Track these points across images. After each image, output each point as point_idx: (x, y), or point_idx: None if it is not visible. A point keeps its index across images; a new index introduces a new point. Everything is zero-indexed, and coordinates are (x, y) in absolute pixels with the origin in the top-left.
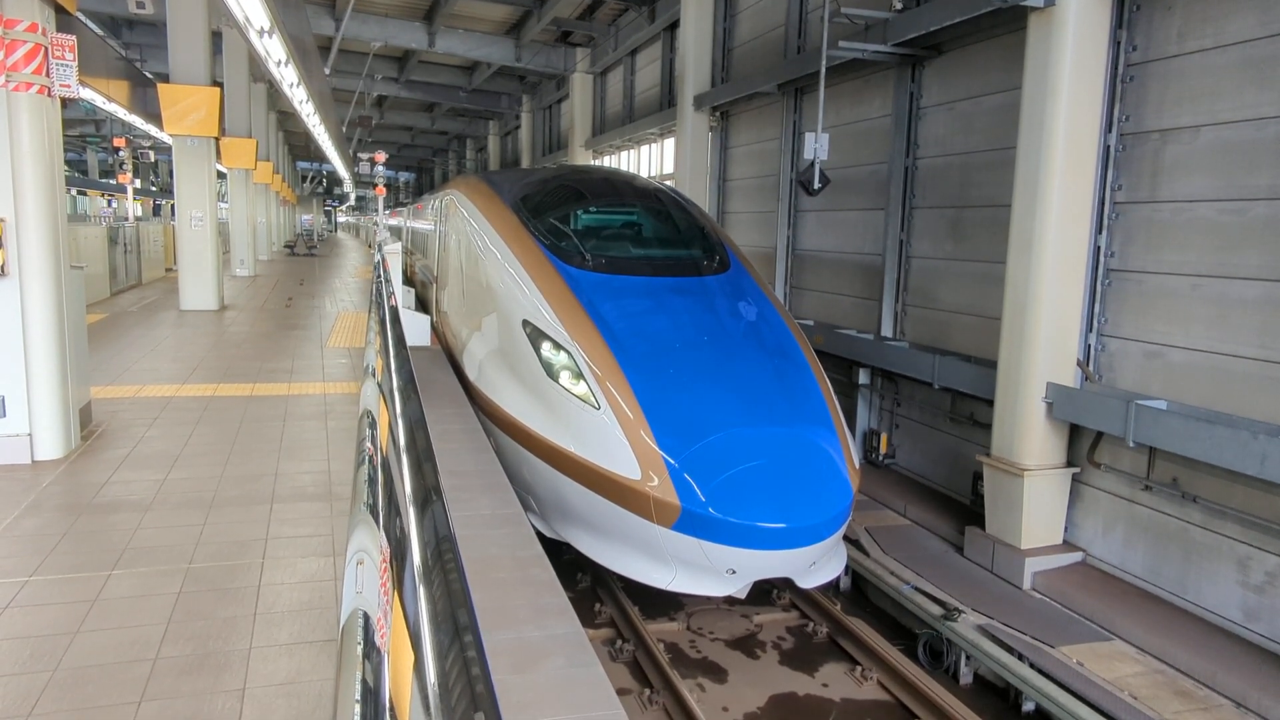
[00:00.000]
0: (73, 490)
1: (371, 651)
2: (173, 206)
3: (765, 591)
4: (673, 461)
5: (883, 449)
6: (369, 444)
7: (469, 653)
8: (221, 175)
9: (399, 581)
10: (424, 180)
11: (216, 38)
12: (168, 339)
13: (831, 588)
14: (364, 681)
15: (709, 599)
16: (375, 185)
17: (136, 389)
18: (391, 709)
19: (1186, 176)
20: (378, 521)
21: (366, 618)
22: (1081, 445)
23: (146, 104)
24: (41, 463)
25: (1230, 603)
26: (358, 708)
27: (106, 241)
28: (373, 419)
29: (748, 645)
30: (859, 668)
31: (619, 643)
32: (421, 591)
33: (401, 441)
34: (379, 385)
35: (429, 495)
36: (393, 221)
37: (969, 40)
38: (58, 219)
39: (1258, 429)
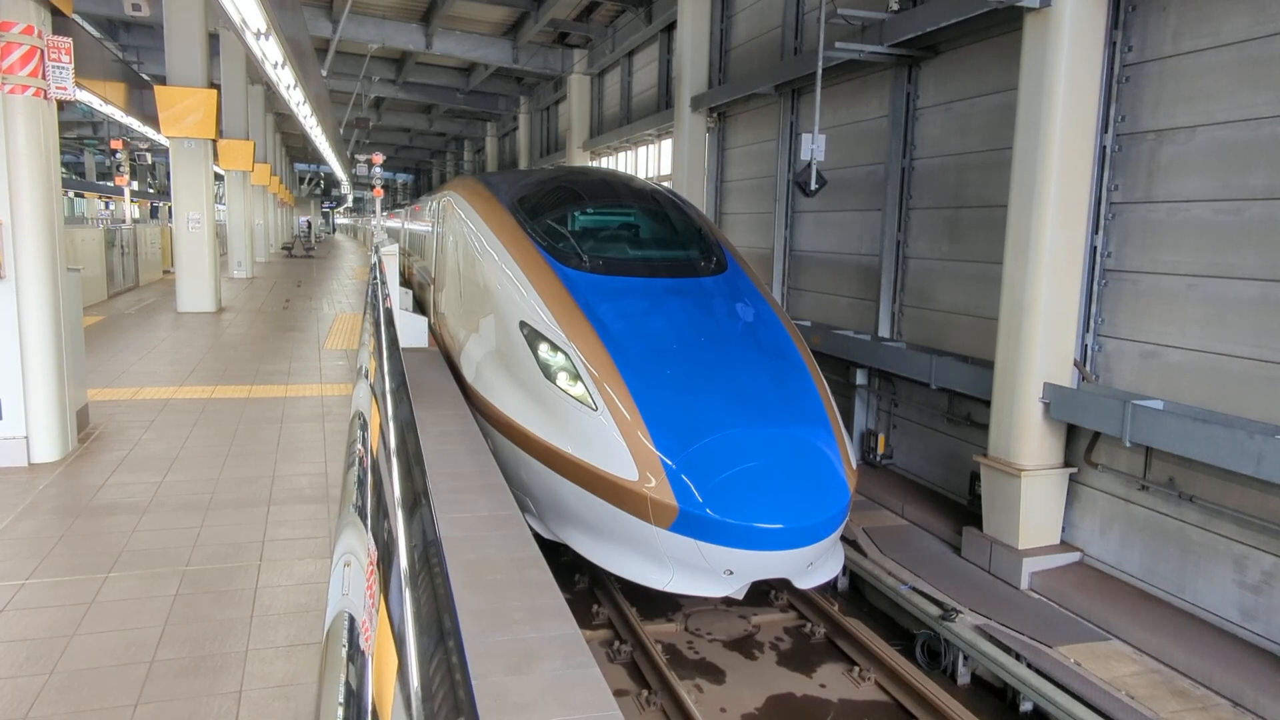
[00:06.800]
0: (69, 493)
1: (356, 654)
2: (170, 208)
3: (763, 592)
4: (670, 463)
5: (880, 449)
6: (359, 446)
7: (452, 658)
8: (219, 177)
9: (385, 585)
10: (422, 182)
11: (213, 40)
12: (165, 341)
13: (829, 588)
14: (347, 684)
15: (707, 600)
16: (373, 187)
17: (133, 391)
18: (374, 712)
19: (1182, 177)
20: (366, 524)
21: (352, 620)
22: (1079, 445)
23: (143, 106)
24: (38, 465)
25: (1227, 602)
26: (340, 711)
27: (104, 244)
28: (364, 421)
29: (746, 646)
30: (857, 668)
31: (617, 644)
32: (407, 595)
33: (392, 444)
34: (371, 387)
35: (417, 499)
36: (390, 223)
37: (965, 41)
38: (54, 222)
39: (1254, 428)
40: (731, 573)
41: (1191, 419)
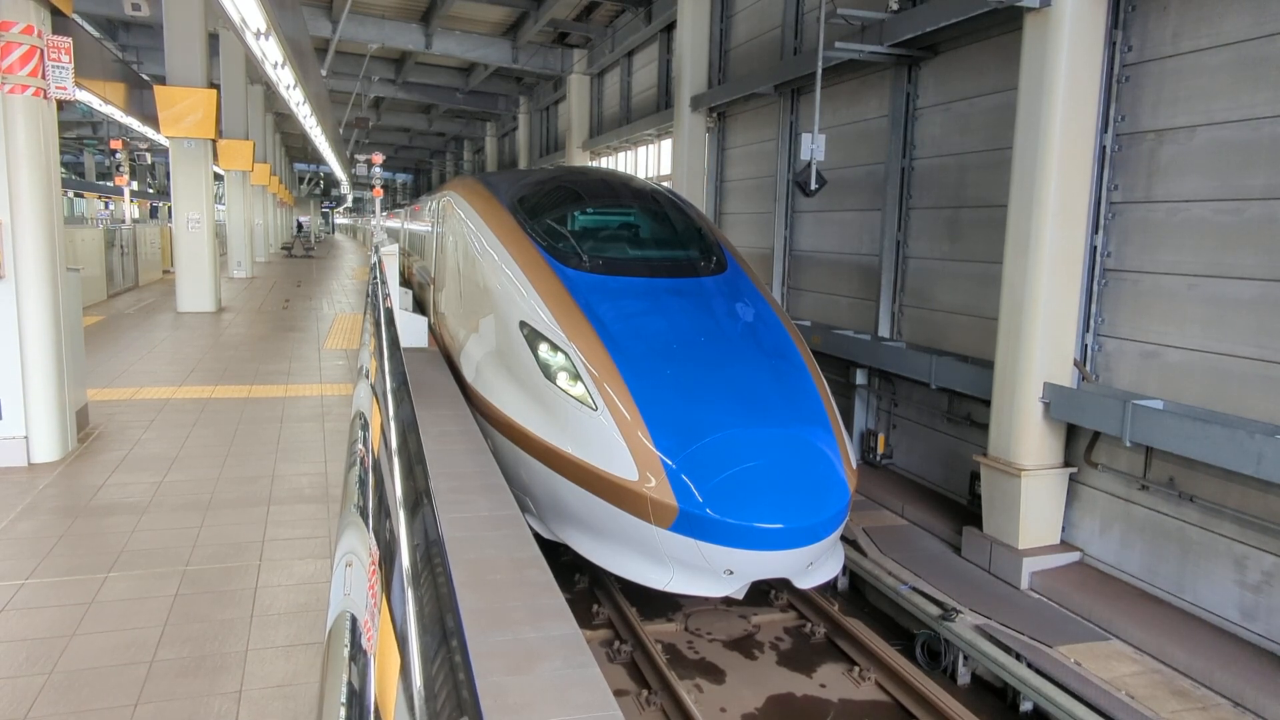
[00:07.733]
0: (69, 493)
1: (358, 654)
2: (170, 208)
3: (763, 592)
4: (670, 463)
5: (880, 449)
6: (360, 445)
7: (455, 657)
8: (218, 177)
9: (387, 584)
10: (421, 181)
11: (213, 40)
12: (165, 341)
13: (829, 588)
14: (350, 684)
15: (707, 600)
16: (373, 187)
17: (133, 391)
18: (377, 713)
19: (1182, 177)
20: (367, 524)
21: (354, 620)
22: (1079, 445)
23: (143, 106)
24: (38, 465)
25: (1227, 602)
26: (343, 710)
27: (103, 244)
28: (365, 420)
29: (745, 646)
30: (857, 668)
31: (617, 644)
32: (409, 595)
33: (394, 444)
34: (372, 387)
35: (419, 499)
36: (390, 223)
37: (965, 41)
38: (54, 222)
39: (1254, 428)
40: (731, 572)
41: (1191, 419)
